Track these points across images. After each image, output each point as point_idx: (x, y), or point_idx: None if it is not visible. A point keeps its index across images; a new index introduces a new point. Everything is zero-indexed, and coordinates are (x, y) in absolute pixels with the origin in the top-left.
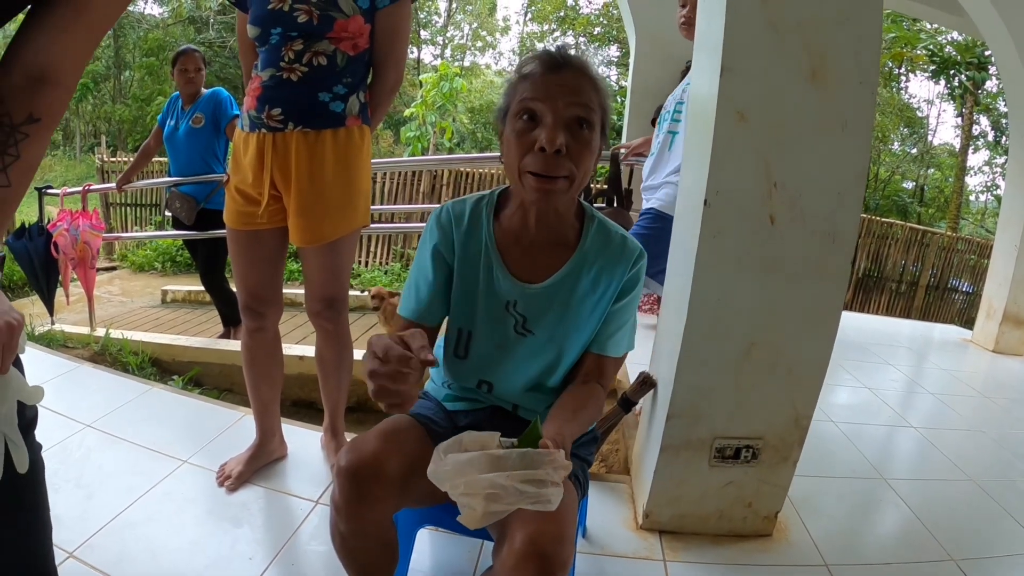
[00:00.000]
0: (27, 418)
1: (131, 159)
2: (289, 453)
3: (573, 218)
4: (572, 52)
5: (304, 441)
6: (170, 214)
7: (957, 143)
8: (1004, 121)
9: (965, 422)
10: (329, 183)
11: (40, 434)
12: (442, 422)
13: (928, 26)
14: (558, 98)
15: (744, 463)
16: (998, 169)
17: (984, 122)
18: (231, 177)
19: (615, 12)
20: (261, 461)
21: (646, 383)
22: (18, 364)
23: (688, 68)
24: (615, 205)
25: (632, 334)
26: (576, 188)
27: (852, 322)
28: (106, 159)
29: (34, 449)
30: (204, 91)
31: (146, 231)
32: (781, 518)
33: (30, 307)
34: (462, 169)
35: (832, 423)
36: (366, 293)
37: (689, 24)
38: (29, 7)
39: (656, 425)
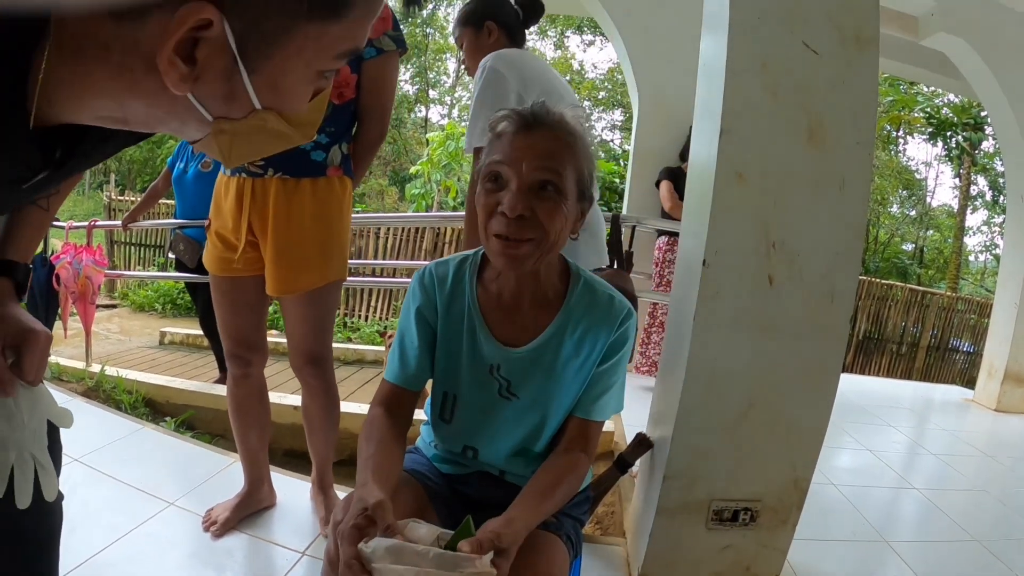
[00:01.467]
0: (56, 452)
1: (139, 199)
2: (279, 502)
3: (556, 278)
4: (548, 109)
5: (294, 491)
6: (173, 256)
7: (955, 204)
8: (1001, 180)
9: (969, 482)
10: (306, 232)
11: None
12: (435, 479)
13: (925, 88)
14: (524, 162)
15: (742, 526)
16: (996, 228)
17: (982, 182)
18: (212, 222)
19: (619, 77)
20: (249, 509)
21: (642, 444)
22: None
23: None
24: (615, 266)
25: (620, 395)
26: (547, 250)
27: (853, 384)
28: (114, 197)
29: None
30: None
31: (148, 271)
32: None
33: None
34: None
35: (833, 486)
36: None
37: (469, 71)
38: None
39: (653, 486)
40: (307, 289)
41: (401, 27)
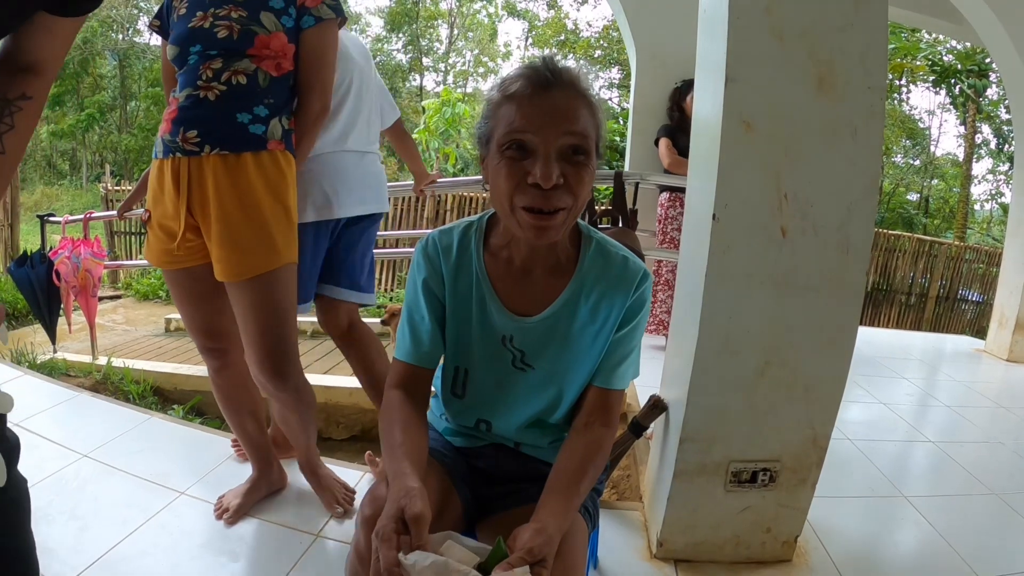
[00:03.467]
0: (11, 442)
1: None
2: (289, 484)
3: (568, 242)
4: (560, 64)
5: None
6: None
7: (960, 153)
8: (1006, 128)
9: (983, 434)
10: (252, 210)
11: (36, 464)
12: (450, 454)
13: (927, 36)
14: (550, 127)
15: (761, 487)
16: (1002, 177)
17: (986, 130)
18: (150, 212)
19: (615, 34)
20: (260, 493)
21: (656, 407)
22: None
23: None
24: (620, 225)
25: (637, 362)
26: (574, 218)
27: (863, 336)
28: (111, 188)
29: (17, 485)
30: None
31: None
32: (801, 542)
33: (32, 336)
34: (466, 194)
35: (848, 440)
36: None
37: None
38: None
39: (669, 450)
40: (257, 272)
41: None
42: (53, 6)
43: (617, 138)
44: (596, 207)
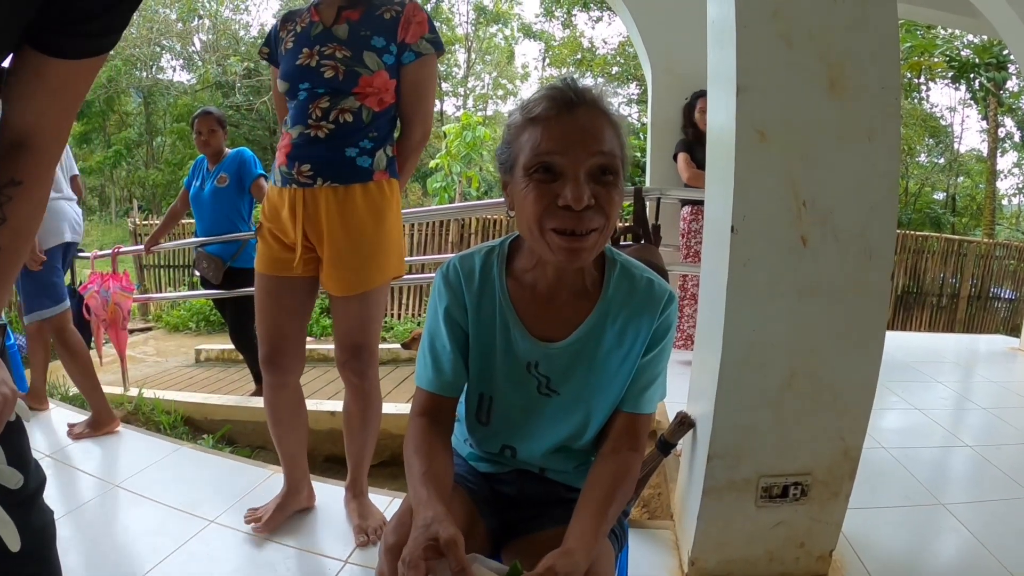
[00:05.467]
0: (31, 488)
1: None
2: (318, 509)
3: (592, 266)
4: (582, 84)
5: (333, 497)
6: (199, 274)
7: (984, 148)
8: None
9: (1022, 435)
10: (360, 235)
11: (68, 494)
12: (474, 479)
13: (943, 31)
14: (578, 148)
15: (793, 501)
16: None
17: (1009, 123)
18: (263, 224)
19: (631, 51)
20: (289, 509)
21: (684, 423)
22: (21, 436)
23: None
24: (642, 241)
25: (664, 384)
26: (606, 239)
27: (894, 341)
28: (139, 222)
29: (43, 518)
30: (228, 151)
31: (179, 291)
32: (836, 556)
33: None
34: (489, 216)
35: (883, 449)
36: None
37: None
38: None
39: (697, 467)
40: (359, 290)
41: (436, 29)
42: (42, 39)
43: (638, 153)
44: (618, 223)
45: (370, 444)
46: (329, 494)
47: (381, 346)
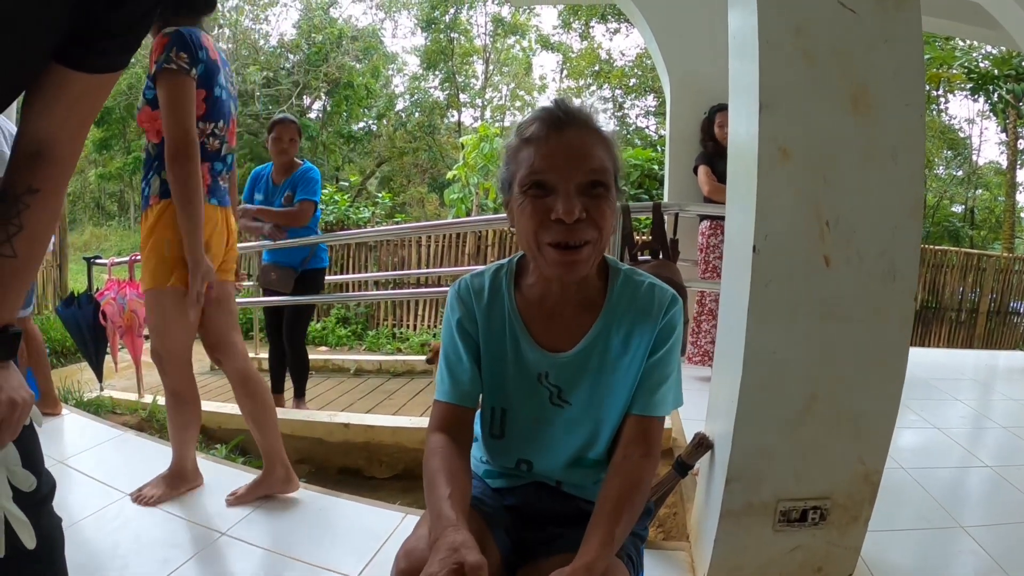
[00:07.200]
0: (42, 492)
1: None
2: (329, 525)
3: (596, 277)
4: (571, 104)
5: (346, 513)
6: (262, 287)
7: (1003, 160)
8: None
9: None
10: (144, 252)
11: (79, 502)
12: (489, 500)
13: (961, 43)
14: (568, 165)
15: (812, 525)
16: None
17: None
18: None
19: (648, 62)
20: (178, 488)
21: (702, 445)
22: (33, 440)
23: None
24: (660, 257)
25: (678, 389)
26: (600, 251)
27: (913, 357)
28: None
29: (51, 523)
30: (299, 163)
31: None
32: None
33: (79, 373)
34: (507, 229)
35: (901, 469)
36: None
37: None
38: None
39: (715, 489)
40: (145, 288)
41: (172, 50)
42: (65, 53)
43: (656, 166)
44: (636, 238)
45: (181, 436)
46: (342, 509)
47: (396, 358)
